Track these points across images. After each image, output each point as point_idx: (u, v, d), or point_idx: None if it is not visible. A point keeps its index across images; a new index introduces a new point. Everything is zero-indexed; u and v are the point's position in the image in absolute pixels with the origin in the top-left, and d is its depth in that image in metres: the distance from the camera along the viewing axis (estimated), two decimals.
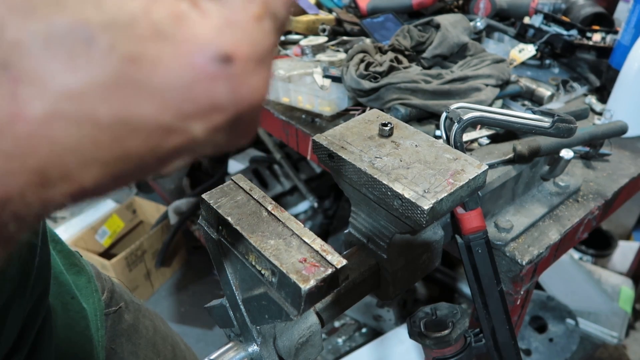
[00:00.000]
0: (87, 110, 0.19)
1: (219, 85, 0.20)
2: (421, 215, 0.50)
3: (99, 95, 0.19)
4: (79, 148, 0.19)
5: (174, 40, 0.19)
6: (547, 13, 1.29)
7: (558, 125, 0.54)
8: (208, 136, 0.22)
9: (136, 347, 0.82)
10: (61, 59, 0.18)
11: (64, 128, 0.19)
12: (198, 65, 0.20)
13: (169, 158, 0.22)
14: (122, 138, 0.20)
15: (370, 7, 1.42)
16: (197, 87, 0.20)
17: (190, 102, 0.20)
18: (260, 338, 0.54)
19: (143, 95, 0.20)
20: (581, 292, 1.87)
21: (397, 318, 1.88)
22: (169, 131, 0.21)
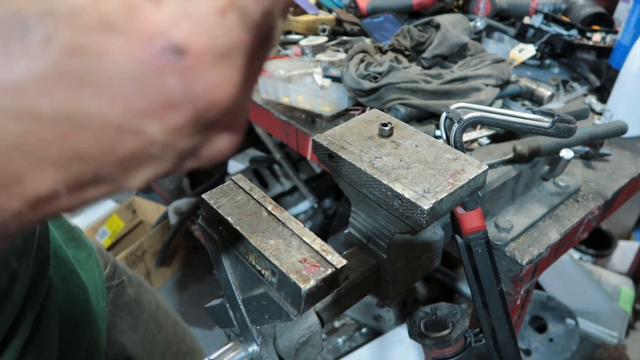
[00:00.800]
0: (26, 104, 0.18)
1: (170, 79, 0.19)
2: (421, 215, 0.50)
3: (38, 88, 0.18)
4: (24, 145, 0.18)
5: (122, 31, 0.18)
6: (547, 13, 1.29)
7: (558, 125, 0.54)
8: (167, 139, 0.20)
9: (137, 321, 0.82)
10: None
11: (4, 123, 0.18)
12: (147, 56, 0.18)
13: (131, 165, 0.21)
14: (69, 135, 0.19)
15: (370, 7, 1.42)
16: (147, 81, 0.19)
17: (140, 97, 0.19)
18: (260, 338, 0.54)
19: (87, 88, 0.18)
20: (581, 292, 1.87)
21: (397, 318, 1.88)
22: (121, 130, 0.19)
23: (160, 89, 0.19)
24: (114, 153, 0.20)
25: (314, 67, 1.19)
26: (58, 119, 0.18)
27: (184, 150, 0.22)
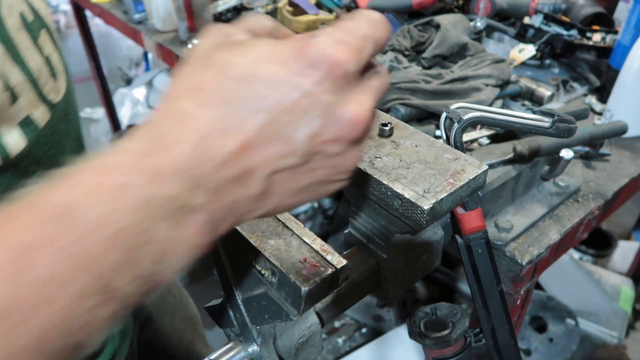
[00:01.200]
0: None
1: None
2: (421, 215, 0.50)
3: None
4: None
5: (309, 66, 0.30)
6: (547, 13, 1.29)
7: (558, 125, 0.53)
8: (340, 159, 0.34)
9: None
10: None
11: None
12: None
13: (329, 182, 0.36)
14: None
15: (370, 7, 1.41)
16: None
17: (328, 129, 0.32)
18: (260, 338, 0.54)
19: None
20: (581, 292, 1.87)
21: (397, 318, 1.88)
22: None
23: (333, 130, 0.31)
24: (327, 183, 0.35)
25: None
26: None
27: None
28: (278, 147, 0.30)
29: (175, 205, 0.27)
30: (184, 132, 0.28)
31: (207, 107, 0.29)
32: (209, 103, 0.29)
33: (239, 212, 0.31)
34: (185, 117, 0.29)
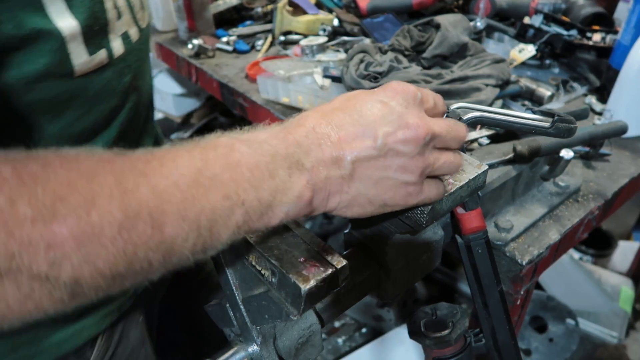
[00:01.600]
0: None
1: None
2: (421, 215, 0.50)
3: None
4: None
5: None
6: (547, 13, 1.29)
7: (558, 125, 0.53)
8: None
9: None
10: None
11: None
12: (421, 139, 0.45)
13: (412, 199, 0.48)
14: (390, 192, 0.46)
15: (370, 7, 1.42)
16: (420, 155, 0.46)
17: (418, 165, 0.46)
18: (260, 338, 0.54)
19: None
20: (581, 292, 1.87)
21: (397, 318, 1.88)
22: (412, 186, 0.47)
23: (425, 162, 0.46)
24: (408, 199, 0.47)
25: (314, 67, 1.19)
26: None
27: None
28: (362, 141, 0.43)
29: (293, 160, 0.41)
30: (303, 123, 0.44)
31: (318, 113, 0.45)
32: (319, 112, 0.45)
33: (329, 187, 0.43)
34: (305, 117, 0.45)
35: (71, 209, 0.31)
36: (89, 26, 0.49)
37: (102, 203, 0.32)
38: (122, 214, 0.32)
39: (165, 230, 0.34)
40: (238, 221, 0.38)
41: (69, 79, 0.50)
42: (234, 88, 1.23)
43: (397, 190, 0.45)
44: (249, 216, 0.39)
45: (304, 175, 0.41)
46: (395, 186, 0.45)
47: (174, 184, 0.36)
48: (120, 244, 0.32)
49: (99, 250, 0.31)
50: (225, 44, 1.41)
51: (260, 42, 1.41)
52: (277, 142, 0.42)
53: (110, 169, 0.34)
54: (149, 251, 0.34)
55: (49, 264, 0.30)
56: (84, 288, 0.32)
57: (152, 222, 0.34)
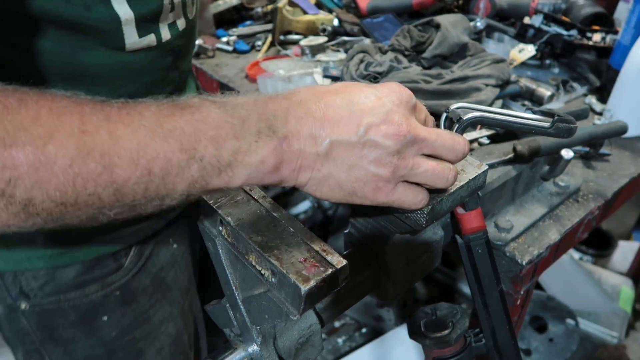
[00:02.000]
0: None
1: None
2: (421, 216, 0.50)
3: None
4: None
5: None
6: (547, 13, 1.29)
7: (558, 125, 0.53)
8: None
9: None
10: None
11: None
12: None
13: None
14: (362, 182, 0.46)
15: (370, 7, 1.41)
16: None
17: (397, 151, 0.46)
18: (260, 338, 0.54)
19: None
20: (581, 292, 1.87)
21: (397, 318, 1.88)
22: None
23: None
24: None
25: (314, 67, 1.19)
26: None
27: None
28: (346, 125, 0.44)
29: (264, 126, 0.42)
30: (290, 97, 0.45)
31: (309, 91, 0.46)
32: (312, 90, 0.46)
33: (302, 160, 0.44)
34: (296, 92, 0.46)
35: (31, 138, 0.35)
36: (142, 15, 0.60)
37: (59, 137, 0.36)
38: (76, 150, 0.37)
39: (115, 171, 0.38)
40: (194, 175, 0.40)
41: (121, 52, 0.61)
42: (234, 88, 1.23)
43: (367, 182, 0.45)
44: (206, 172, 0.41)
45: (272, 142, 0.42)
46: (366, 177, 0.45)
47: (132, 131, 0.39)
48: (70, 175, 0.37)
49: (50, 178, 0.36)
50: (225, 44, 1.41)
51: (260, 42, 1.41)
52: (254, 107, 0.43)
53: (80, 110, 0.38)
54: (98, 187, 0.38)
55: (5, 182, 0.35)
56: (37, 209, 0.37)
57: (102, 161, 0.37)
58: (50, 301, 0.70)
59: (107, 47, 0.59)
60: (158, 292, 0.81)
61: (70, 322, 0.73)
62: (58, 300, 0.71)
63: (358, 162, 0.45)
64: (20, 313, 0.71)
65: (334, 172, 0.45)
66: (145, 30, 0.62)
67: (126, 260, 0.74)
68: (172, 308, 0.84)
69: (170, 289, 0.83)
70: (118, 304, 0.75)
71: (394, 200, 0.47)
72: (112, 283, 0.73)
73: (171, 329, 0.84)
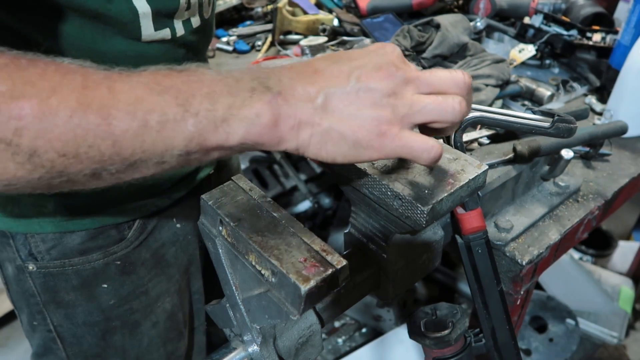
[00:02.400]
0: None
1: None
2: (421, 216, 0.50)
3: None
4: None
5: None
6: (547, 13, 1.29)
7: (558, 125, 0.54)
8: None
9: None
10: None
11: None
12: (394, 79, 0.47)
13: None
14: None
15: (370, 7, 1.42)
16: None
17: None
18: (260, 338, 0.54)
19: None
20: (581, 292, 1.87)
21: (397, 318, 1.88)
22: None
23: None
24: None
25: None
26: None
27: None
28: (336, 78, 0.45)
29: (257, 83, 0.44)
30: (281, 64, 0.47)
31: (303, 60, 0.48)
32: (306, 60, 0.48)
33: (299, 115, 0.44)
34: (287, 63, 0.48)
35: (36, 91, 0.39)
36: (158, 10, 0.64)
37: (62, 92, 0.39)
38: (76, 103, 0.39)
39: (113, 122, 0.40)
40: (190, 130, 0.42)
41: (137, 42, 0.65)
42: None
43: (370, 128, 0.44)
44: (202, 126, 0.42)
45: (266, 96, 0.43)
46: (368, 123, 0.44)
47: (130, 87, 0.42)
48: (71, 126, 0.39)
49: (52, 128, 0.39)
50: (225, 43, 1.41)
51: (260, 42, 1.41)
52: (247, 70, 0.46)
53: (83, 71, 0.42)
54: (97, 138, 0.40)
55: (12, 131, 0.38)
56: (41, 159, 0.39)
57: (101, 113, 0.40)
58: (55, 265, 0.75)
59: (124, 36, 0.64)
60: (157, 267, 0.84)
61: (72, 286, 0.77)
62: (63, 264, 0.75)
63: (356, 110, 0.45)
64: (28, 274, 0.76)
65: (334, 124, 0.45)
66: (161, 24, 0.66)
67: (129, 232, 0.78)
68: (169, 285, 0.87)
69: (169, 265, 0.86)
70: (118, 273, 0.79)
71: (402, 147, 0.45)
72: (114, 253, 0.77)
73: (167, 304, 0.87)
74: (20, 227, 0.73)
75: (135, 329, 0.84)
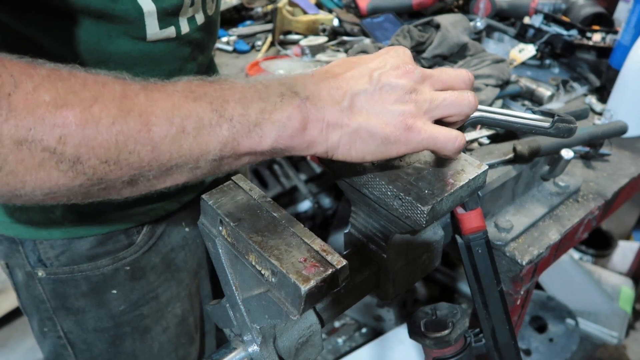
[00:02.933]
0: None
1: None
2: (421, 216, 0.50)
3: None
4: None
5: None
6: (547, 13, 1.29)
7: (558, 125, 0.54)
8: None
9: None
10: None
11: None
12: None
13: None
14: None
15: (370, 7, 1.41)
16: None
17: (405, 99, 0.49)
18: (260, 338, 0.54)
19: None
20: (581, 292, 1.87)
21: (397, 318, 1.88)
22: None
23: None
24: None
25: (314, 67, 1.19)
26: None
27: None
28: (358, 80, 0.47)
29: (286, 88, 0.46)
30: (303, 72, 0.50)
31: (318, 70, 0.50)
32: (324, 67, 0.51)
33: (327, 117, 0.46)
34: (306, 71, 0.50)
35: (79, 101, 0.40)
36: (163, 9, 0.64)
37: (104, 100, 0.41)
38: (117, 111, 0.41)
39: (152, 128, 0.42)
40: (225, 134, 0.44)
41: (142, 41, 0.65)
42: None
43: (396, 124, 0.47)
44: (236, 130, 0.44)
45: (295, 100, 0.46)
46: (394, 118, 0.47)
47: (167, 95, 0.43)
48: (113, 133, 0.40)
49: (95, 136, 0.40)
50: (225, 44, 1.41)
51: (260, 42, 1.41)
52: (274, 79, 0.48)
53: (121, 82, 0.43)
54: (138, 144, 0.41)
55: (56, 140, 0.39)
56: (83, 166, 0.40)
57: (141, 119, 0.41)
58: (64, 271, 0.75)
59: (129, 36, 0.64)
60: (167, 271, 0.84)
61: (82, 293, 0.77)
62: (72, 270, 0.75)
63: (382, 107, 0.47)
64: (37, 280, 0.76)
65: (362, 122, 0.47)
66: (166, 22, 0.66)
67: (138, 237, 0.78)
68: (179, 289, 0.86)
69: (179, 269, 0.86)
70: (128, 279, 0.79)
71: (428, 138, 0.48)
72: (123, 258, 0.77)
73: (178, 309, 0.87)
74: (28, 233, 0.73)
75: (145, 334, 0.84)
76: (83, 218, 0.73)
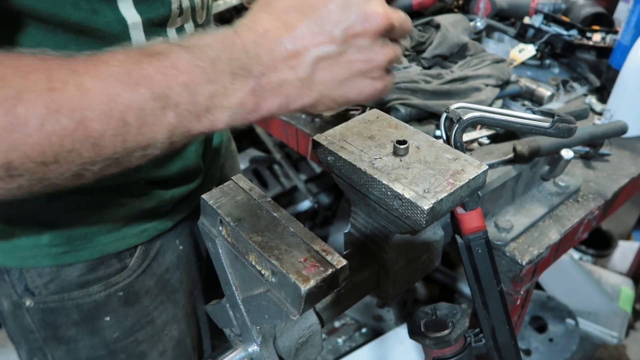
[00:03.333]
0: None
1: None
2: (421, 215, 0.50)
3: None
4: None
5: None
6: (547, 13, 1.29)
7: (558, 125, 0.54)
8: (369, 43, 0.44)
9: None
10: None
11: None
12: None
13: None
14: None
15: None
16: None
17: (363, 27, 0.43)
18: (260, 338, 0.54)
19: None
20: (581, 292, 1.87)
21: (397, 318, 1.88)
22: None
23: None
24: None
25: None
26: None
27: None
28: (320, 38, 0.42)
29: (237, 66, 0.41)
30: (254, 26, 0.42)
31: (271, 14, 0.43)
32: (273, 12, 0.43)
33: (287, 92, 0.42)
34: (256, 19, 0.43)
35: (0, 101, 0.35)
36: (150, 20, 0.59)
37: (28, 97, 0.36)
38: (45, 109, 0.36)
39: (89, 125, 0.38)
40: (172, 122, 0.40)
41: None
42: None
43: (364, 88, 0.45)
44: (184, 118, 0.41)
45: (249, 82, 0.42)
46: (362, 83, 0.44)
47: (100, 83, 0.38)
48: (45, 134, 0.37)
49: (25, 139, 0.36)
50: None
51: None
52: (222, 47, 0.42)
53: (46, 67, 0.38)
54: (76, 143, 0.38)
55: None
56: (18, 170, 0.37)
57: (74, 116, 0.37)
58: (54, 299, 0.71)
59: (115, 45, 0.60)
60: (162, 293, 0.80)
61: (73, 322, 0.73)
62: (62, 298, 0.71)
63: (349, 72, 0.44)
64: (25, 310, 0.71)
65: (324, 92, 0.44)
66: (153, 34, 0.61)
67: (131, 260, 0.74)
68: (176, 310, 0.83)
69: (175, 290, 0.82)
70: (121, 305, 0.75)
71: (383, 92, 0.47)
72: (116, 283, 0.73)
73: (175, 331, 0.83)
74: (14, 261, 0.68)
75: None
76: (72, 243, 0.68)
